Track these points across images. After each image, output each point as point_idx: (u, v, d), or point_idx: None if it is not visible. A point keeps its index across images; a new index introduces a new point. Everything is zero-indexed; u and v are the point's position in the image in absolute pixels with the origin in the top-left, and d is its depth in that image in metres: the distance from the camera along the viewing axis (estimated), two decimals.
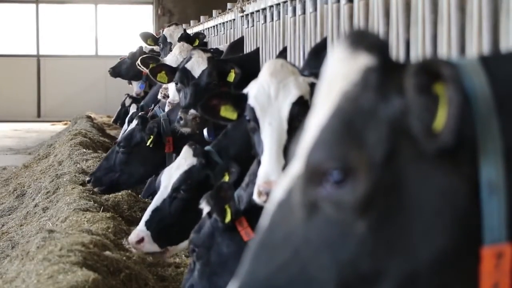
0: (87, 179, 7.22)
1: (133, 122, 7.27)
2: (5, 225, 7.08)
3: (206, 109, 3.92)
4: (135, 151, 6.90)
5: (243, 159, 4.61)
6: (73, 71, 21.16)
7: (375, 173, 1.34)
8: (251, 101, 3.52)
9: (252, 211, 3.70)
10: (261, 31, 7.32)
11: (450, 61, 1.35)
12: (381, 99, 1.36)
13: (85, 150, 9.55)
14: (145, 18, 21.95)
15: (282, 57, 5.50)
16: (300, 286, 1.36)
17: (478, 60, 1.43)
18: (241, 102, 3.61)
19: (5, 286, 4.37)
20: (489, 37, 3.11)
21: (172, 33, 9.68)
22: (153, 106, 9.80)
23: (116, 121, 14.08)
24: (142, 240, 4.89)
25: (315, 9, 5.57)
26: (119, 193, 7.06)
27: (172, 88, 6.97)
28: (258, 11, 7.64)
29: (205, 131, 5.89)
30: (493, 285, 1.33)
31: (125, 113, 12.26)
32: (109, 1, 21.97)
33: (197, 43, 9.06)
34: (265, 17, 7.17)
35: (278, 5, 6.69)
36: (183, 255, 5.66)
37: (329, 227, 1.36)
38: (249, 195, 3.69)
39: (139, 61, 7.68)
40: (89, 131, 11.78)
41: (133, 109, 11.60)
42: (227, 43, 9.64)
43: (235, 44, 8.53)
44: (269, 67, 3.57)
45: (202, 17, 13.64)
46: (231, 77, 5.63)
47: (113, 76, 13.34)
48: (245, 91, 3.61)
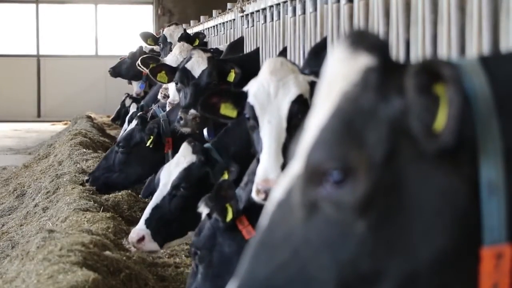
0: (86, 178, 7.22)
1: (133, 121, 7.27)
2: (5, 225, 7.08)
3: (206, 107, 3.91)
4: (135, 151, 6.90)
5: (243, 157, 4.61)
6: (73, 71, 21.16)
7: (375, 173, 1.34)
8: (250, 99, 3.52)
9: (252, 209, 3.70)
10: (261, 31, 7.31)
11: (450, 62, 1.35)
12: (381, 99, 1.36)
13: (85, 150, 9.55)
14: (145, 18, 21.94)
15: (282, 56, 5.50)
16: (299, 286, 1.36)
17: (478, 60, 1.43)
18: (241, 100, 3.61)
19: (5, 286, 4.37)
20: (489, 37, 3.11)
21: (172, 33, 9.67)
22: (153, 106, 9.81)
23: (114, 120, 14.06)
24: (142, 238, 4.90)
25: (315, 9, 5.57)
26: (119, 193, 7.06)
27: (172, 88, 6.97)
28: (258, 11, 7.63)
29: (205, 131, 5.90)
30: (493, 285, 1.33)
31: (125, 113, 12.25)
32: (109, 1, 21.97)
33: (197, 43, 9.06)
34: (265, 17, 7.17)
35: (278, 5, 6.69)
36: (183, 255, 5.66)
37: (329, 227, 1.36)
38: (248, 194, 3.69)
39: (139, 61, 7.68)
40: (89, 131, 11.78)
41: (133, 108, 11.60)
42: (227, 43, 9.64)
43: (234, 44, 8.53)
44: (269, 65, 3.57)
45: (202, 17, 13.64)
46: (231, 77, 5.63)
47: (113, 76, 13.33)
48: (245, 89, 3.62)
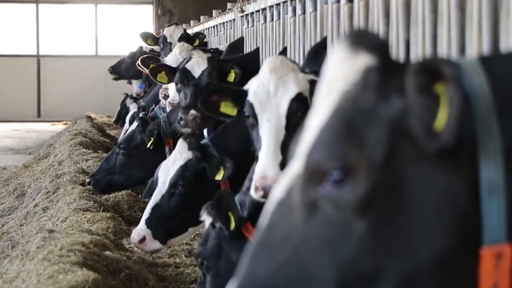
0: (87, 180, 7.22)
1: (134, 122, 7.27)
2: (5, 225, 7.08)
3: (206, 105, 3.92)
4: (135, 153, 6.91)
5: (241, 155, 4.62)
6: (73, 71, 21.16)
7: (375, 173, 1.34)
8: (250, 97, 3.54)
9: (256, 215, 3.69)
10: (261, 31, 7.31)
11: (450, 60, 1.35)
12: (381, 99, 1.36)
13: (85, 150, 9.55)
14: (145, 18, 21.94)
15: None
16: (299, 285, 1.36)
17: (478, 60, 1.43)
18: (241, 98, 3.62)
19: (5, 286, 4.37)
20: (489, 37, 3.11)
21: (172, 33, 9.66)
22: (153, 106, 9.80)
23: (117, 122, 14.08)
24: (144, 239, 4.91)
25: (315, 9, 5.57)
26: (119, 193, 7.07)
27: (172, 88, 6.97)
28: (258, 11, 7.63)
29: (205, 131, 5.90)
30: (493, 285, 1.33)
31: (126, 113, 12.26)
32: (109, 1, 21.97)
33: (197, 43, 9.05)
34: (265, 17, 7.17)
35: (278, 5, 6.69)
36: (183, 255, 5.66)
37: (328, 226, 1.36)
38: (251, 200, 3.69)
39: (139, 61, 7.67)
40: (89, 131, 11.78)
41: (133, 108, 11.60)
42: (227, 43, 9.63)
43: (234, 44, 8.52)
44: (269, 63, 3.59)
45: (202, 17, 13.64)
46: (231, 77, 5.63)
47: (113, 75, 13.32)
48: (245, 87, 3.63)
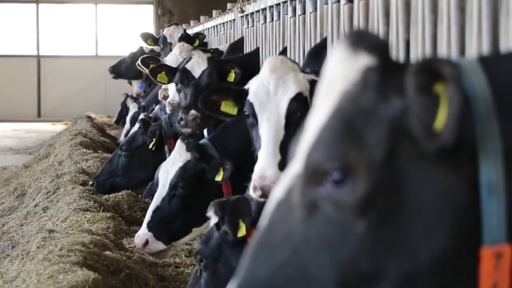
0: (90, 182, 7.23)
1: (134, 122, 7.28)
2: (5, 224, 7.08)
3: (206, 104, 3.94)
4: (137, 154, 6.91)
5: (241, 154, 4.62)
6: (73, 71, 21.17)
7: (375, 173, 1.33)
8: (250, 97, 3.55)
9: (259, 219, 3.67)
10: (261, 31, 7.31)
11: (450, 60, 1.35)
12: (381, 99, 1.36)
13: (85, 150, 9.56)
14: (145, 18, 21.94)
15: None
16: (299, 285, 1.36)
17: (477, 60, 1.42)
18: (241, 97, 3.64)
19: (6, 285, 4.38)
20: (489, 37, 3.11)
21: (172, 33, 9.66)
22: (154, 106, 9.80)
23: (117, 122, 14.08)
24: (147, 242, 4.94)
25: (315, 9, 5.57)
26: (119, 193, 7.07)
27: (172, 88, 6.97)
28: (258, 11, 7.63)
29: (205, 131, 5.90)
30: (493, 285, 1.33)
31: (126, 113, 12.26)
32: (110, 0, 21.97)
33: (197, 43, 9.05)
34: (265, 17, 7.17)
35: (278, 5, 6.69)
36: (183, 255, 5.67)
37: (328, 226, 1.36)
38: (256, 205, 3.68)
39: (139, 61, 7.67)
40: (89, 131, 11.79)
41: (133, 108, 11.59)
42: (227, 43, 9.63)
43: (235, 44, 8.53)
44: (269, 63, 3.60)
45: (202, 17, 13.64)
46: (231, 77, 5.63)
47: (113, 74, 13.32)
48: (246, 86, 3.64)
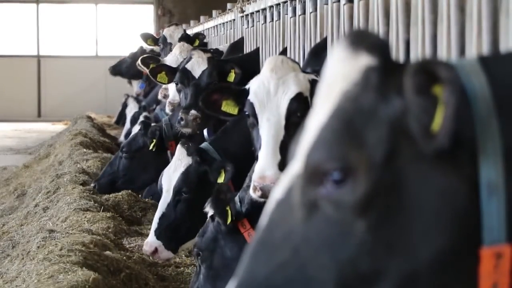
0: (92, 185, 7.23)
1: (135, 121, 7.28)
2: (5, 224, 7.08)
3: (207, 104, 3.94)
4: (138, 156, 6.91)
5: (241, 157, 4.63)
6: (73, 71, 21.17)
7: (375, 173, 1.33)
8: (251, 97, 3.55)
9: (254, 212, 3.70)
10: (261, 31, 7.31)
11: (448, 62, 1.34)
12: (381, 99, 1.36)
13: (85, 150, 9.56)
14: (145, 18, 21.94)
15: None
16: (299, 285, 1.36)
17: (477, 60, 1.42)
18: (242, 97, 3.64)
19: (6, 285, 4.38)
20: (489, 37, 3.11)
21: (172, 33, 9.66)
22: (154, 106, 9.80)
23: (118, 122, 14.08)
24: (156, 250, 4.98)
25: (315, 9, 5.57)
26: (119, 193, 7.08)
27: (172, 88, 6.97)
28: (258, 11, 7.63)
29: (205, 132, 5.90)
30: (492, 285, 1.33)
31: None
32: (110, 0, 21.96)
33: (197, 43, 9.05)
34: (265, 17, 7.17)
35: (278, 5, 6.69)
36: (183, 255, 5.67)
37: (328, 226, 1.36)
38: (250, 197, 3.70)
39: (139, 61, 7.67)
40: (89, 131, 11.79)
41: (134, 108, 11.60)
42: (227, 43, 9.63)
43: (235, 44, 8.53)
44: (270, 63, 3.60)
45: (202, 18, 13.64)
46: (231, 77, 5.63)
47: (113, 74, 13.32)
48: (246, 86, 3.65)
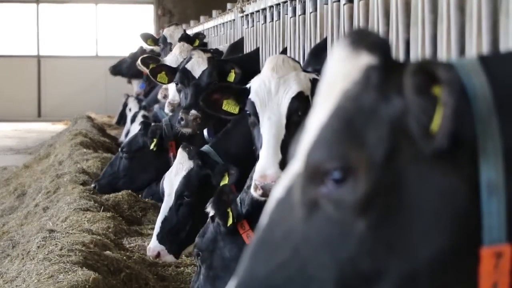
0: (92, 185, 7.23)
1: (135, 121, 7.27)
2: (5, 224, 7.08)
3: (208, 103, 3.95)
4: (138, 156, 6.91)
5: (242, 159, 4.63)
6: (73, 71, 21.17)
7: (375, 172, 1.33)
8: (252, 96, 3.56)
9: (254, 213, 3.71)
10: (261, 32, 7.31)
11: (447, 63, 1.34)
12: (382, 98, 1.36)
13: (85, 150, 9.56)
14: (146, 18, 21.93)
15: None
16: (299, 284, 1.36)
17: (478, 60, 1.42)
18: (243, 96, 3.65)
19: (6, 285, 4.38)
20: (489, 37, 3.11)
21: (172, 33, 9.66)
22: (154, 106, 9.79)
23: (118, 123, 14.07)
24: (158, 254, 5.01)
25: (315, 9, 5.57)
26: (119, 193, 7.07)
27: (172, 88, 6.97)
28: (258, 11, 7.63)
29: (205, 131, 5.90)
30: (492, 285, 1.33)
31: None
32: (110, 0, 21.96)
33: (197, 43, 9.05)
34: (265, 18, 7.17)
35: (278, 5, 6.69)
36: (183, 255, 5.67)
37: (329, 226, 1.36)
38: (251, 198, 3.71)
39: (139, 61, 7.67)
40: (90, 131, 11.79)
41: (134, 108, 11.60)
42: (227, 43, 9.63)
43: (235, 45, 8.53)
44: (271, 62, 3.61)
45: (202, 18, 13.63)
46: (231, 77, 5.63)
47: (113, 74, 13.32)
48: (247, 85, 3.65)
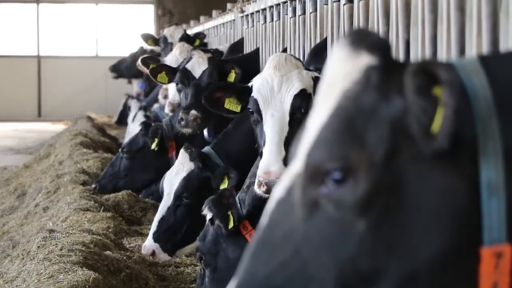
0: (93, 186, 7.23)
1: (135, 121, 7.27)
2: (6, 224, 7.09)
3: (210, 102, 3.95)
4: (139, 156, 6.91)
5: (242, 160, 4.64)
6: (73, 71, 21.17)
7: (376, 172, 1.33)
8: (254, 94, 3.57)
9: (255, 213, 3.72)
10: (261, 32, 7.31)
11: (448, 63, 1.34)
12: (382, 98, 1.36)
13: (85, 150, 9.56)
14: (146, 18, 21.93)
15: None
16: (299, 284, 1.36)
17: (478, 60, 1.42)
18: (245, 94, 3.66)
19: (6, 285, 4.38)
20: (489, 37, 3.11)
21: (172, 33, 9.66)
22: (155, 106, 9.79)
23: (119, 123, 14.07)
24: (153, 253, 5.03)
25: (315, 9, 5.57)
26: (119, 193, 7.07)
27: (172, 88, 6.97)
28: (258, 11, 7.63)
29: (205, 132, 5.90)
30: (493, 285, 1.33)
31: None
32: (110, 0, 21.96)
33: (197, 43, 9.05)
34: (265, 18, 7.17)
35: (278, 5, 6.69)
36: (183, 255, 5.67)
37: (329, 226, 1.36)
38: (251, 198, 3.71)
39: (139, 61, 7.67)
40: (90, 131, 11.79)
41: (134, 108, 11.60)
42: (227, 43, 9.63)
43: (235, 45, 8.53)
44: (273, 60, 3.62)
45: (202, 18, 13.64)
46: (232, 77, 5.63)
47: (113, 72, 13.32)
48: (250, 84, 3.66)
